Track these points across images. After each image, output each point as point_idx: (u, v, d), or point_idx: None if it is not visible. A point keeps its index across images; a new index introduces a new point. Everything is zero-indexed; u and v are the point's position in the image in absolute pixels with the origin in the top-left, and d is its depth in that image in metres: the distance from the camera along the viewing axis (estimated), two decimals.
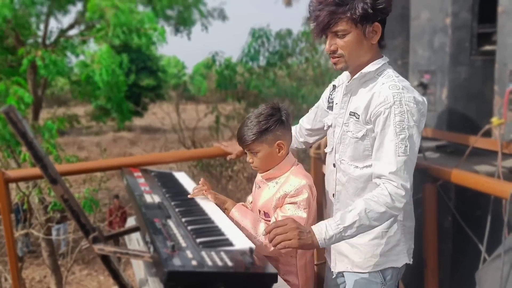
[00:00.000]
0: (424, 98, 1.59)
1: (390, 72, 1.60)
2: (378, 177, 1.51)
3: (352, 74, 1.67)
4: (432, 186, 2.34)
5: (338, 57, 1.60)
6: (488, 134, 2.56)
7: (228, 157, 2.37)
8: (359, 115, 1.60)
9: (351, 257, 1.72)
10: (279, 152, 1.77)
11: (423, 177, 2.38)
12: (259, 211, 1.83)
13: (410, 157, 1.47)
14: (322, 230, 1.46)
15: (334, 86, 1.86)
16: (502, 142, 2.39)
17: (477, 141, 2.53)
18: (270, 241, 1.47)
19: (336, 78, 1.88)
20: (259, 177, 1.90)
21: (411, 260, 1.72)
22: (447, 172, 2.27)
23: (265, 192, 1.82)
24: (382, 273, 1.69)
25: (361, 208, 1.45)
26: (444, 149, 3.13)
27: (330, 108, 1.83)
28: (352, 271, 1.72)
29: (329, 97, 1.86)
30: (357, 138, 1.62)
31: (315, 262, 2.11)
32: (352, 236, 1.47)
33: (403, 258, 1.70)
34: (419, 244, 2.77)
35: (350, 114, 1.65)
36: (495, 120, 2.40)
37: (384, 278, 1.70)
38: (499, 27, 2.52)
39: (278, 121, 1.74)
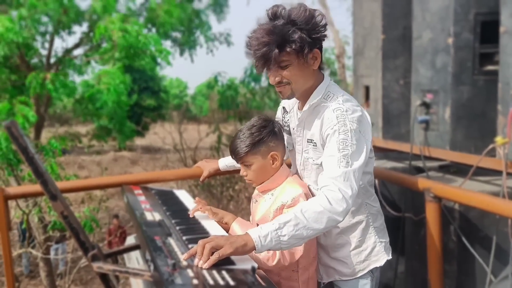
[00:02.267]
0: (366, 114, 1.69)
1: (336, 93, 1.68)
2: (322, 185, 1.55)
3: (299, 99, 1.76)
4: (436, 206, 2.31)
5: (284, 85, 1.67)
6: (492, 153, 2.54)
7: (201, 178, 2.39)
8: (315, 142, 1.69)
9: (338, 269, 1.79)
10: (273, 163, 1.76)
11: (426, 197, 2.36)
12: (257, 226, 1.80)
13: (353, 169, 1.53)
14: (256, 230, 1.44)
15: (285, 108, 1.93)
16: (507, 161, 2.37)
17: (481, 161, 2.52)
18: (201, 256, 1.38)
19: None
20: (255, 191, 1.88)
21: (390, 255, 1.84)
22: (451, 191, 2.24)
23: (262, 205, 1.80)
24: (371, 272, 1.79)
25: (298, 209, 1.47)
26: (447, 169, 3.12)
27: (287, 132, 1.90)
28: (341, 280, 1.81)
29: (282, 120, 1.93)
30: (318, 164, 1.70)
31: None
32: (291, 238, 1.43)
33: (383, 256, 1.80)
34: (423, 265, 2.74)
35: (307, 141, 1.74)
36: (499, 139, 2.38)
37: (372, 275, 1.79)
38: (501, 47, 2.53)
39: (270, 132, 1.74)
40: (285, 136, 1.88)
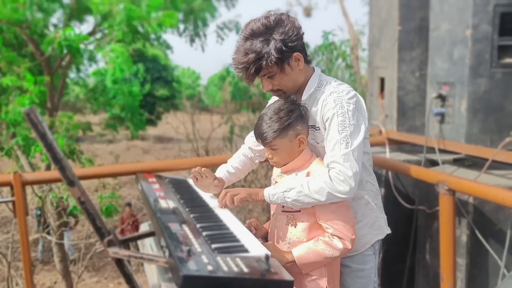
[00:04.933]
0: (360, 96, 1.79)
1: (329, 80, 1.81)
2: (327, 166, 1.71)
3: (295, 94, 1.85)
4: (450, 198, 2.30)
5: (276, 91, 1.82)
6: (508, 147, 2.51)
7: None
8: (318, 126, 1.80)
9: None
10: (299, 146, 1.77)
11: (440, 189, 2.34)
12: (282, 206, 1.81)
13: (352, 149, 1.66)
14: (270, 188, 1.74)
15: None
16: None
17: (496, 154, 2.49)
18: (221, 201, 1.79)
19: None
20: (276, 173, 1.90)
21: (389, 229, 1.94)
22: (466, 184, 2.23)
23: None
24: (373, 246, 1.88)
25: (306, 180, 1.69)
26: (462, 162, 3.09)
27: None
28: (346, 256, 1.86)
29: None
30: (324, 146, 1.78)
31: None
32: (291, 200, 1.69)
33: (385, 229, 1.92)
34: (435, 258, 2.73)
35: (310, 127, 1.82)
36: None
37: (374, 249, 1.89)
38: None
39: (298, 116, 1.75)
40: None
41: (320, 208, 1.71)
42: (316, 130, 1.80)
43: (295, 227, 1.78)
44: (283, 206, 1.81)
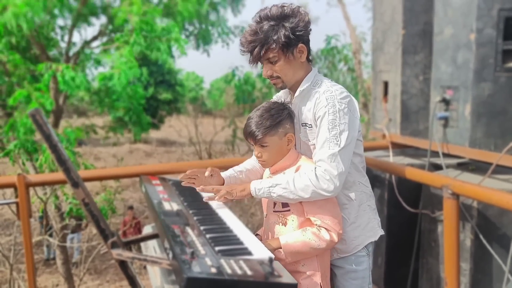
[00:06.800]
0: (353, 98, 1.83)
1: (324, 80, 1.86)
2: (315, 163, 1.76)
3: (291, 89, 1.92)
4: (454, 203, 2.29)
5: (275, 78, 1.86)
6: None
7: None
8: (311, 124, 1.84)
9: (337, 246, 1.88)
10: (288, 144, 1.83)
11: (444, 193, 2.34)
12: (274, 205, 1.84)
13: (340, 148, 1.71)
14: (257, 182, 1.79)
15: None
16: None
17: (501, 159, 2.48)
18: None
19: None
20: (266, 174, 1.95)
21: (383, 231, 1.98)
22: (470, 188, 2.22)
23: None
24: (366, 248, 1.91)
25: (292, 176, 1.73)
26: (466, 166, 3.09)
27: None
28: (340, 257, 1.91)
29: None
30: (315, 144, 1.83)
31: None
32: (277, 195, 1.73)
33: (378, 231, 1.94)
34: (438, 262, 2.72)
35: (302, 125, 1.88)
36: None
37: (368, 250, 1.91)
38: None
39: (287, 115, 1.83)
40: None
41: (308, 203, 1.76)
42: (309, 128, 1.85)
43: (286, 226, 1.82)
44: (274, 207, 1.85)
